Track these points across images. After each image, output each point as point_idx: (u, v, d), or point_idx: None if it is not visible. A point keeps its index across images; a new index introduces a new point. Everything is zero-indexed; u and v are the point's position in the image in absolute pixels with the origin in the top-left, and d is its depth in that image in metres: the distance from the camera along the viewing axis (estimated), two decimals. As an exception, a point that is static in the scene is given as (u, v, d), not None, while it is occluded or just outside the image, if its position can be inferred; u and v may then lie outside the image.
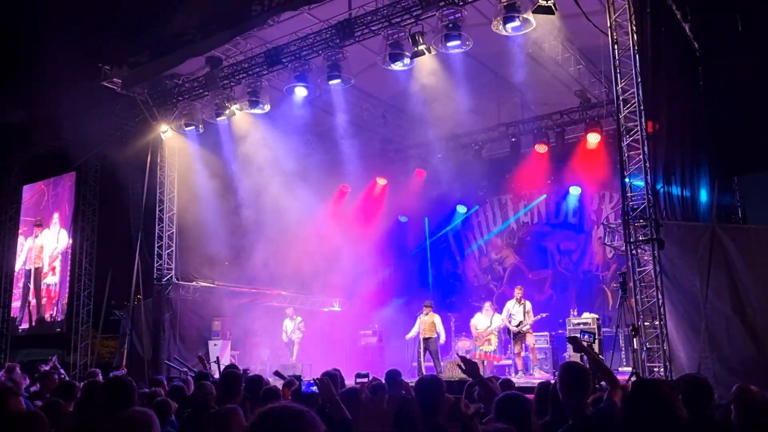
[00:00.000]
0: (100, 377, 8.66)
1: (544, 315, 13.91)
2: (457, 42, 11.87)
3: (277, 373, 7.48)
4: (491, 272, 18.80)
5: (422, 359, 13.50)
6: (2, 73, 15.71)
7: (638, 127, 10.01)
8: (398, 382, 6.70)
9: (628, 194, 10.07)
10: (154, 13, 13.43)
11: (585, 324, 13.45)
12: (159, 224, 15.52)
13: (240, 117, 15.17)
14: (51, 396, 6.14)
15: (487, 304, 14.16)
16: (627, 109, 10.19)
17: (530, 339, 13.37)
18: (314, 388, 5.51)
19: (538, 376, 12.80)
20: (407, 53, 12.42)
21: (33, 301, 19.14)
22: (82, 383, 6.91)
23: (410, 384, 7.13)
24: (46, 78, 13.45)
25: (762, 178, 11.23)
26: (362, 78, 14.39)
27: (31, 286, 19.29)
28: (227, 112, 14.80)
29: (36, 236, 19.53)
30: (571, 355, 12.79)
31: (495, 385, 4.53)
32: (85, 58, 13.88)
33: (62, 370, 10.39)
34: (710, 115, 11.40)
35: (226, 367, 8.69)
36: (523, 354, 13.58)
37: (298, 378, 9.10)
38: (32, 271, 19.36)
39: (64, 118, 14.88)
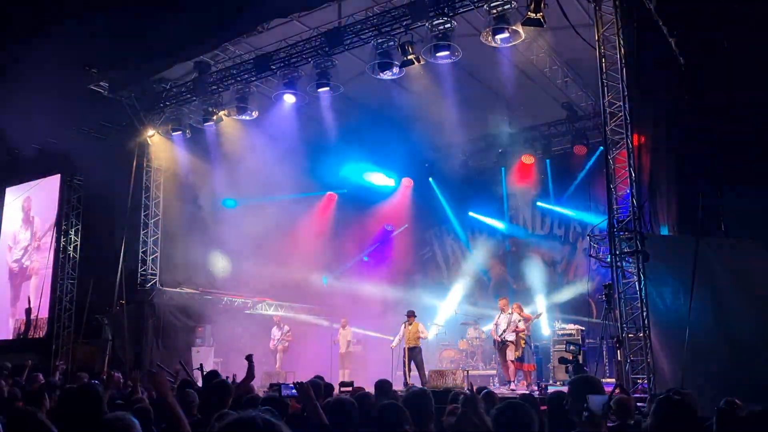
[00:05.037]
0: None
1: (539, 314, 14.21)
2: (447, 52, 11.94)
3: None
4: (477, 283, 18.78)
5: (407, 369, 13.39)
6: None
7: (625, 140, 10.09)
8: (387, 393, 6.61)
9: (614, 206, 10.13)
10: (143, 17, 13.35)
11: (569, 335, 13.47)
12: (143, 229, 15.40)
13: (228, 123, 15.10)
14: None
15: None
16: (614, 122, 10.28)
17: (510, 353, 13.21)
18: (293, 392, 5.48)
19: (517, 387, 12.67)
20: (396, 62, 12.46)
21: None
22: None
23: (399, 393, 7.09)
24: (31, 80, 13.30)
25: (746, 191, 11.30)
26: (351, 86, 14.39)
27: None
28: (215, 117, 14.73)
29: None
30: (555, 366, 12.81)
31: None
32: (72, 61, 13.75)
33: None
34: (695, 128, 11.50)
35: (208, 373, 8.58)
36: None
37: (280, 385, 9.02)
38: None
39: (49, 121, 14.71)
